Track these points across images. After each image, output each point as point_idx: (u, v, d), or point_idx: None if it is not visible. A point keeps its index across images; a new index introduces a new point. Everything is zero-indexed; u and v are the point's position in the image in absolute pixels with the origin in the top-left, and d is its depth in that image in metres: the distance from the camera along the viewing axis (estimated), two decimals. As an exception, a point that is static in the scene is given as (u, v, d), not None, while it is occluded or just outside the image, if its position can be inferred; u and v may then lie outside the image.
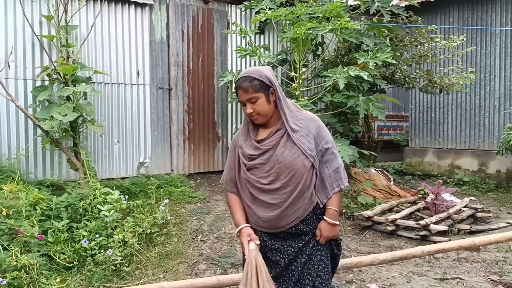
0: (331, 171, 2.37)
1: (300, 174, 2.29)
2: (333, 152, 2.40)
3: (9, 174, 4.88)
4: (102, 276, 4.05)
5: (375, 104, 5.87)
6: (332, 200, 2.38)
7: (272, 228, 2.36)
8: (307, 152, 2.30)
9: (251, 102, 2.31)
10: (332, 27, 5.56)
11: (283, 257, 2.36)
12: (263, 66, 2.44)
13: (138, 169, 6.24)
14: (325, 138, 2.40)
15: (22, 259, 3.53)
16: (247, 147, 2.40)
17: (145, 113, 6.30)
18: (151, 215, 4.93)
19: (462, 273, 4.55)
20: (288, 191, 2.30)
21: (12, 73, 5.23)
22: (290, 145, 2.30)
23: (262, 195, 2.34)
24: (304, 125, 2.38)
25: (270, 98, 2.32)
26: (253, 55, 5.81)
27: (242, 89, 2.31)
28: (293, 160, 2.28)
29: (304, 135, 2.34)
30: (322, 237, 2.37)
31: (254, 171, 2.35)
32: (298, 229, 2.36)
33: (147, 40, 6.29)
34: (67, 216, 4.52)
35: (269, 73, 2.36)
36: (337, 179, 2.38)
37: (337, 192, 2.39)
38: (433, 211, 5.86)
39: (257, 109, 2.31)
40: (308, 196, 2.34)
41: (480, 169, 8.76)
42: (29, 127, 5.32)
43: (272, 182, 2.32)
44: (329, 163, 2.38)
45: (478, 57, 8.76)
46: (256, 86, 2.28)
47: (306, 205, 2.34)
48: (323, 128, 2.43)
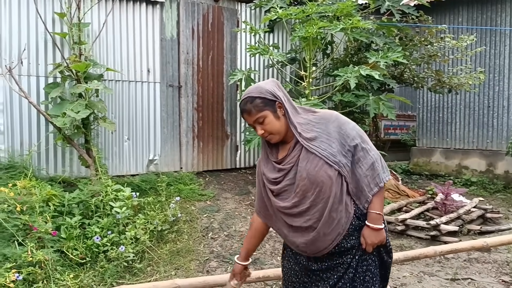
0: (365, 170, 2.10)
1: (327, 187, 2.05)
2: (363, 148, 2.12)
3: (22, 170, 4.91)
4: (115, 272, 4.07)
5: (385, 103, 5.87)
6: (372, 202, 2.12)
7: (315, 253, 2.14)
8: (330, 159, 2.05)
9: (259, 123, 2.11)
10: (343, 26, 5.56)
11: (333, 274, 2.16)
12: (265, 81, 2.22)
13: (147, 166, 6.27)
14: (350, 134, 2.11)
15: (38, 255, 3.55)
16: (269, 171, 2.20)
17: (155, 110, 6.32)
18: (161, 212, 4.95)
19: (473, 273, 4.55)
20: (319, 209, 2.07)
21: (25, 70, 5.25)
22: (311, 157, 2.07)
23: (294, 220, 2.13)
24: (322, 128, 2.13)
25: (278, 113, 2.11)
26: (264, 54, 5.82)
27: (246, 113, 2.12)
28: (316, 173, 2.04)
29: (325, 140, 2.09)
30: (367, 245, 2.14)
31: (284, 195, 2.14)
32: (342, 247, 2.13)
33: (158, 38, 6.31)
34: (79, 212, 4.55)
35: (271, 86, 2.14)
36: (374, 177, 2.11)
37: (377, 192, 2.12)
38: (443, 211, 5.85)
39: (267, 129, 2.11)
40: (343, 208, 2.10)
41: (488, 170, 8.73)
42: (41, 123, 5.35)
43: (301, 203, 2.10)
44: (361, 161, 2.11)
45: (487, 57, 8.73)
46: (258, 105, 2.09)
47: (344, 218, 2.11)
48: (345, 124, 2.15)
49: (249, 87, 2.16)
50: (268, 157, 2.22)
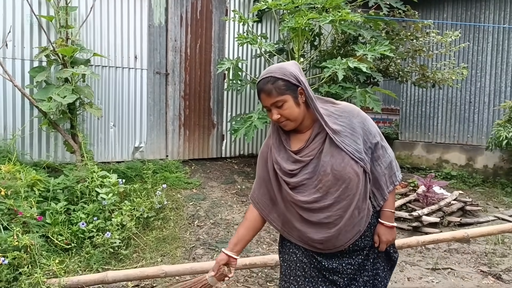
0: (384, 168, 2.08)
1: (354, 184, 1.97)
2: (382, 146, 2.08)
3: (5, 155, 4.83)
4: (100, 258, 4.06)
5: (372, 96, 5.94)
6: (388, 200, 2.12)
7: (330, 249, 2.06)
8: (356, 155, 1.97)
9: (276, 106, 1.97)
10: (332, 18, 5.59)
11: (342, 277, 2.08)
12: (287, 62, 2.07)
13: (133, 153, 6.23)
14: (372, 132, 2.06)
15: (23, 239, 3.52)
16: (284, 161, 2.04)
17: (142, 97, 6.28)
18: (147, 199, 4.94)
19: (453, 263, 4.67)
20: (343, 206, 1.98)
21: (10, 53, 5.16)
22: (336, 151, 1.96)
23: (313, 215, 2.02)
24: (346, 122, 2.02)
25: (299, 100, 1.97)
26: (253, 43, 5.82)
27: (264, 93, 1.96)
28: (342, 169, 1.94)
29: (349, 135, 1.99)
30: (382, 242, 2.13)
31: (301, 189, 2.01)
32: (356, 245, 2.09)
33: (146, 24, 6.25)
34: (64, 198, 4.51)
35: (295, 69, 1.99)
36: (391, 176, 2.10)
37: (391, 191, 2.13)
38: (424, 203, 5.97)
39: (285, 114, 1.97)
40: (366, 206, 2.06)
41: (467, 164, 8.92)
42: (26, 107, 5.27)
43: (323, 199, 1.98)
44: (380, 159, 2.08)
45: (470, 54, 8.88)
46: (280, 87, 1.93)
47: (365, 216, 2.06)
48: (367, 120, 2.07)
49: (271, 66, 2.03)
50: (282, 144, 2.08)
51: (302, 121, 2.03)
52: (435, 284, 4.18)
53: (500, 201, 7.33)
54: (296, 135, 2.08)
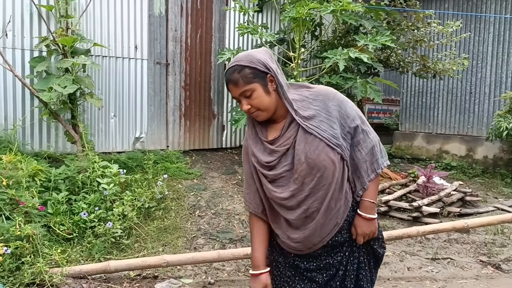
0: (364, 154, 1.90)
1: (329, 172, 1.83)
2: (363, 130, 1.91)
3: (6, 145, 4.83)
4: (102, 248, 4.09)
5: (372, 87, 5.93)
6: (368, 189, 1.93)
7: (309, 247, 1.92)
8: (332, 141, 1.83)
9: (245, 96, 1.84)
10: (333, 8, 5.56)
11: (321, 273, 1.94)
12: (257, 49, 1.95)
13: (134, 144, 6.24)
14: (350, 114, 1.89)
15: (26, 229, 3.53)
16: (260, 153, 1.92)
17: (142, 88, 6.26)
18: (149, 189, 4.96)
19: (453, 253, 4.70)
20: (319, 197, 1.85)
21: (10, 43, 5.13)
22: (310, 138, 1.83)
23: (292, 213, 1.89)
24: (321, 106, 1.88)
25: (269, 87, 1.84)
26: (254, 33, 5.80)
27: (231, 83, 1.83)
28: (316, 157, 1.81)
29: (324, 120, 1.85)
30: (358, 235, 1.94)
31: (281, 182, 1.89)
32: (335, 241, 1.93)
33: (146, 14, 6.22)
34: (66, 188, 4.52)
35: (263, 55, 1.86)
36: (373, 162, 1.91)
37: (373, 179, 1.93)
38: (425, 193, 5.99)
39: (254, 104, 1.84)
40: (343, 196, 1.90)
41: (467, 155, 8.94)
42: (26, 97, 5.26)
43: (299, 191, 1.86)
44: (361, 144, 1.90)
45: (471, 44, 8.86)
46: (247, 76, 1.81)
47: (343, 207, 1.91)
48: (344, 102, 1.91)
49: (239, 54, 1.90)
50: (258, 136, 1.95)
51: (276, 110, 1.89)
52: (434, 274, 4.21)
53: (499, 191, 7.36)
54: (272, 125, 1.95)
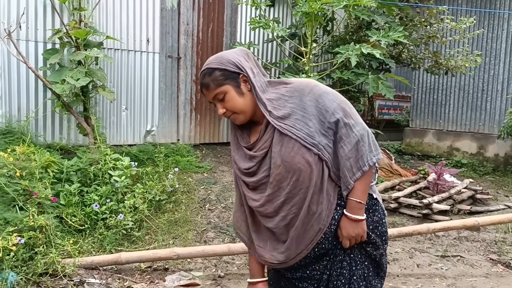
0: (347, 151, 1.71)
1: (305, 175, 1.70)
2: (346, 124, 1.71)
3: (19, 136, 4.89)
4: (113, 239, 4.13)
5: (384, 83, 5.90)
6: (354, 188, 1.74)
7: (293, 258, 1.80)
8: (307, 141, 1.69)
9: (219, 100, 1.77)
10: (346, 3, 5.52)
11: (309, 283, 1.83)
12: (231, 50, 1.86)
13: (145, 137, 6.27)
14: (329, 108, 1.72)
15: (39, 220, 3.58)
16: (241, 159, 1.84)
17: (154, 81, 6.29)
18: (159, 182, 4.99)
19: (463, 251, 4.69)
20: (297, 202, 1.73)
21: (24, 35, 5.17)
22: (286, 139, 1.71)
23: (270, 221, 1.80)
24: (296, 103, 1.74)
25: (242, 88, 1.75)
26: (266, 28, 5.79)
27: (204, 87, 1.77)
28: (291, 159, 1.69)
29: (300, 118, 1.72)
30: (343, 237, 1.77)
31: (262, 189, 1.79)
32: (321, 248, 1.79)
33: (158, 7, 6.23)
34: (78, 180, 4.56)
35: (235, 55, 1.77)
36: (358, 159, 1.72)
37: (360, 178, 1.73)
38: (435, 190, 5.97)
39: (228, 107, 1.76)
40: (325, 199, 1.75)
41: (478, 152, 8.88)
42: (39, 89, 5.30)
43: (275, 197, 1.75)
44: (343, 140, 1.72)
45: (484, 41, 8.77)
46: (217, 78, 1.73)
47: (325, 211, 1.76)
48: (322, 95, 1.74)
49: (211, 56, 1.83)
50: (238, 142, 1.86)
51: (255, 111, 1.78)
52: (444, 271, 4.20)
53: (510, 190, 7.31)
54: (255, 128, 1.84)
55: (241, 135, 1.86)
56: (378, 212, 1.87)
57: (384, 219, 1.90)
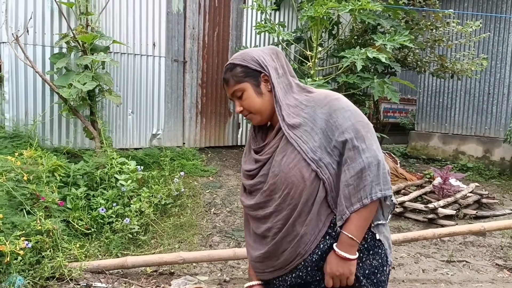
0: (349, 177, 1.53)
1: (296, 190, 1.58)
2: (354, 146, 1.54)
3: (27, 140, 4.92)
4: (120, 243, 4.15)
5: (390, 87, 5.90)
6: (349, 221, 1.54)
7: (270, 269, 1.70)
8: (309, 155, 1.57)
9: (237, 97, 1.70)
10: (351, 7, 5.53)
11: None
12: (259, 47, 1.79)
13: (150, 140, 6.30)
14: (340, 126, 1.57)
15: (46, 224, 3.61)
16: (248, 162, 1.78)
17: (160, 85, 6.32)
18: (165, 186, 5.01)
19: (468, 256, 4.67)
20: (283, 217, 1.62)
21: (31, 39, 5.21)
22: (290, 149, 1.60)
23: (259, 226, 1.72)
24: (309, 114, 1.63)
25: (262, 88, 1.67)
26: (271, 32, 5.80)
27: (224, 82, 1.72)
28: (288, 171, 1.59)
29: (309, 130, 1.60)
30: (326, 274, 1.59)
31: (256, 194, 1.72)
32: (298, 277, 1.64)
33: (164, 11, 6.26)
34: (84, 183, 4.59)
35: (260, 54, 1.69)
36: (360, 189, 1.52)
37: (358, 211, 1.53)
38: (440, 195, 5.95)
39: (245, 105, 1.69)
40: (313, 222, 1.59)
41: (484, 156, 8.85)
42: (46, 93, 5.34)
43: (266, 205, 1.67)
44: (347, 164, 1.54)
45: (490, 44, 8.75)
46: (237, 75, 1.66)
47: (310, 235, 1.59)
48: (338, 110, 1.60)
49: (237, 52, 1.79)
50: (251, 144, 1.80)
51: (273, 114, 1.70)
52: (450, 277, 4.19)
53: (517, 194, 7.27)
54: (271, 132, 1.74)
55: (255, 137, 1.79)
56: (380, 256, 1.64)
57: (387, 267, 1.67)
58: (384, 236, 1.66)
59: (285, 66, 1.72)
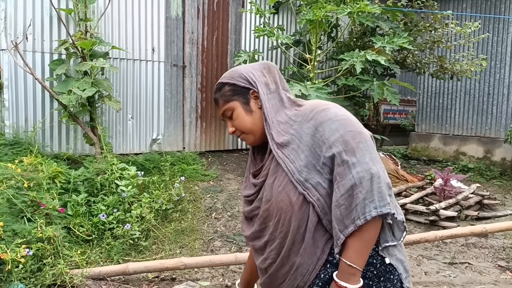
0: (339, 196, 1.36)
1: (286, 217, 1.45)
2: (344, 161, 1.37)
3: (27, 147, 4.92)
4: (121, 249, 4.14)
5: (389, 89, 5.90)
6: (348, 247, 1.38)
7: None
8: (295, 176, 1.43)
9: (227, 117, 1.61)
10: (350, 10, 5.54)
11: None
12: (250, 64, 1.67)
13: (151, 145, 6.30)
14: (327, 139, 1.41)
15: (47, 231, 3.60)
16: (248, 187, 1.67)
17: (159, 90, 6.32)
18: (166, 191, 5.00)
19: (471, 258, 4.66)
20: (275, 247, 1.51)
21: (30, 46, 5.21)
22: (280, 171, 1.48)
23: (256, 257, 1.64)
24: (297, 130, 1.49)
25: (251, 106, 1.56)
26: (270, 36, 5.81)
27: (215, 103, 1.63)
28: (277, 196, 1.46)
29: (295, 148, 1.47)
30: None
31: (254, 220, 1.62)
32: None
33: (163, 16, 6.27)
34: (85, 190, 4.58)
35: (249, 70, 1.59)
36: (352, 210, 1.34)
37: (354, 233, 1.36)
38: (442, 196, 5.95)
39: (236, 125, 1.59)
40: (309, 250, 1.45)
41: (485, 156, 8.83)
42: (46, 100, 5.34)
43: (262, 235, 1.56)
44: (337, 181, 1.38)
45: (490, 45, 8.75)
46: (226, 94, 1.57)
47: (307, 265, 1.46)
48: (326, 122, 1.44)
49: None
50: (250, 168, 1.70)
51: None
52: (452, 279, 4.18)
53: (518, 194, 7.26)
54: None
55: (254, 159, 1.68)
56: (393, 283, 1.47)
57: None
58: (397, 259, 1.47)
59: (277, 80, 1.62)
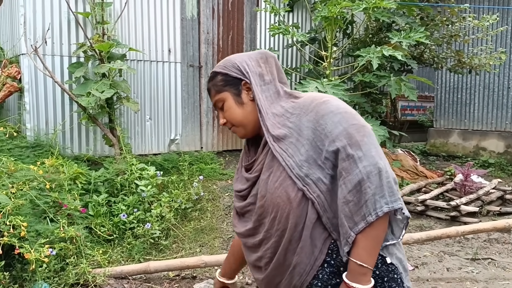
0: (346, 193, 1.30)
1: (282, 214, 1.38)
2: (349, 155, 1.30)
3: (48, 149, 5.01)
4: (142, 248, 4.19)
5: (407, 84, 5.84)
6: (357, 245, 1.31)
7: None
8: (294, 171, 1.36)
9: (219, 108, 1.55)
10: (365, 5, 5.50)
11: None
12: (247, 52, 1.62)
13: (169, 145, 6.35)
14: (329, 132, 1.34)
15: (69, 231, 3.65)
16: (239, 180, 1.60)
17: (176, 90, 6.37)
18: (185, 191, 5.04)
19: (493, 253, 4.59)
20: (272, 246, 1.44)
21: (49, 50, 5.30)
22: (276, 165, 1.41)
23: (248, 254, 1.58)
24: (295, 123, 1.42)
25: (243, 97, 1.49)
26: (286, 34, 5.80)
27: (208, 93, 1.58)
28: (274, 191, 1.39)
29: (294, 142, 1.39)
30: None
31: (247, 217, 1.55)
32: None
33: (178, 17, 6.31)
34: (105, 190, 4.65)
35: (243, 59, 1.52)
36: (361, 205, 1.28)
37: (364, 230, 1.29)
38: (462, 192, 5.87)
39: (227, 117, 1.52)
40: (306, 249, 1.38)
41: (506, 151, 8.69)
42: (66, 102, 5.42)
43: (256, 232, 1.49)
44: (343, 177, 1.31)
45: (508, 37, 8.61)
46: (218, 84, 1.51)
47: (304, 265, 1.39)
48: (328, 115, 1.37)
49: None
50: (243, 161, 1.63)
51: (259, 126, 1.49)
52: (475, 275, 4.12)
53: (541, 189, 7.12)
54: None
55: (247, 152, 1.61)
56: (397, 283, 1.41)
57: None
58: (397, 258, 1.43)
59: (274, 71, 1.54)
